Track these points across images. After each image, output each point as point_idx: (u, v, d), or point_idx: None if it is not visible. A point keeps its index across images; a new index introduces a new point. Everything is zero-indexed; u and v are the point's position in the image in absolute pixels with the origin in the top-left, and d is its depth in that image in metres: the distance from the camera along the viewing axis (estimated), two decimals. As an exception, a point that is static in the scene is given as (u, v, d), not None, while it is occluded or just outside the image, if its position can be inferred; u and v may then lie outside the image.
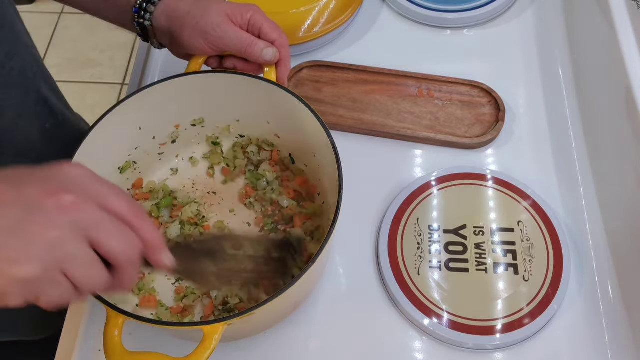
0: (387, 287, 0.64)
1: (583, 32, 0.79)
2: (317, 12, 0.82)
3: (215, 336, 0.49)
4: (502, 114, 0.75)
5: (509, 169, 0.72)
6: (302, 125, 0.63)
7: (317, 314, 0.64)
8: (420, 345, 0.62)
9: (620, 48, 0.65)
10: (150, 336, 0.61)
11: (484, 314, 0.61)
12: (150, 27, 0.62)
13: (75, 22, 2.13)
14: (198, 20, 0.59)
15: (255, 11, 0.61)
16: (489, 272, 0.64)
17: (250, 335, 0.62)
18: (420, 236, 0.67)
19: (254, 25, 0.61)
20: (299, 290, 0.53)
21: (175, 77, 0.63)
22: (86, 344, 0.63)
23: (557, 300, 0.62)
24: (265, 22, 0.61)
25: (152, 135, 0.68)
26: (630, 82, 0.62)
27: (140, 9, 0.61)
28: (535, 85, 0.80)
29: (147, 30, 0.63)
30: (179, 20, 0.60)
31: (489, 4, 0.85)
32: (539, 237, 0.66)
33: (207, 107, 0.68)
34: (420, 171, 0.73)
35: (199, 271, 0.54)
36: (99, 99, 1.92)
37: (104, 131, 0.60)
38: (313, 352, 0.62)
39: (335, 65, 0.81)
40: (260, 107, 0.67)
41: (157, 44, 0.65)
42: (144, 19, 0.62)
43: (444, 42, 0.85)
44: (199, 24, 0.59)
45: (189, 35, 0.60)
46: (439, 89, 0.78)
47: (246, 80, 0.63)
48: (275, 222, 0.67)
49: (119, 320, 0.49)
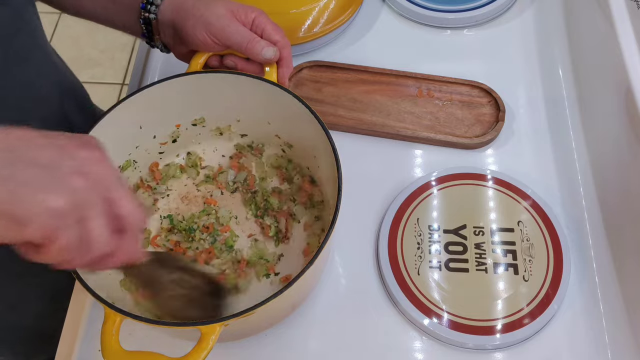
0: (387, 287, 0.64)
1: (583, 32, 0.79)
2: (317, 12, 0.82)
3: (212, 336, 0.49)
4: (502, 114, 0.75)
5: (508, 168, 0.72)
6: (302, 126, 0.63)
7: (316, 314, 0.64)
8: (420, 345, 0.62)
9: (620, 48, 0.65)
10: (149, 336, 0.61)
11: (484, 314, 0.61)
12: (155, 22, 0.63)
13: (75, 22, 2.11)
14: (202, 12, 0.60)
15: (260, 13, 0.62)
16: (489, 272, 0.64)
17: (249, 335, 0.62)
18: (420, 236, 0.66)
19: (257, 25, 0.62)
20: (297, 290, 0.53)
21: (175, 77, 0.63)
22: (86, 344, 0.63)
23: (557, 300, 0.62)
24: (269, 24, 0.62)
25: (153, 134, 0.68)
26: (630, 82, 0.62)
27: (147, 2, 0.62)
28: (535, 85, 0.80)
29: (151, 26, 0.63)
30: (184, 12, 0.61)
31: (489, 4, 0.84)
32: (539, 237, 0.66)
33: (208, 106, 0.68)
34: (420, 171, 0.73)
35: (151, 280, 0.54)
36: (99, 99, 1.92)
37: (104, 130, 0.60)
38: (313, 352, 0.62)
39: (335, 65, 0.81)
40: (261, 108, 0.67)
41: (160, 43, 0.65)
42: (149, 12, 0.62)
43: (444, 42, 0.85)
44: (203, 15, 0.60)
45: (192, 25, 0.60)
46: (439, 89, 0.78)
47: (246, 81, 0.63)
48: (276, 222, 0.68)
49: (116, 319, 0.49)
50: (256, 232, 0.68)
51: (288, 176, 0.70)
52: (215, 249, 0.66)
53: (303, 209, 0.68)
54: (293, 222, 0.67)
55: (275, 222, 0.67)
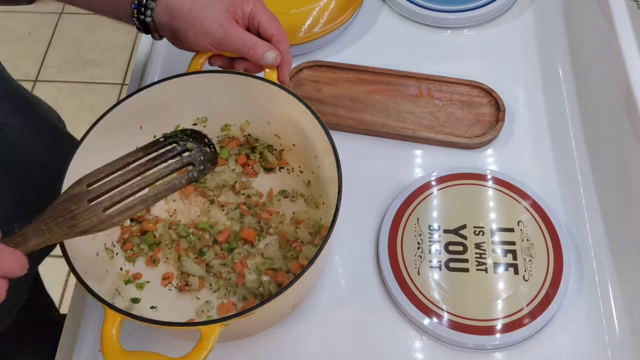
0: (387, 287, 0.64)
1: (583, 32, 0.79)
2: (317, 12, 0.82)
3: (212, 337, 0.48)
4: (502, 114, 0.75)
5: (508, 168, 0.72)
6: (302, 126, 0.63)
7: (316, 314, 0.64)
8: (420, 345, 0.62)
9: (620, 48, 0.65)
10: (150, 336, 0.61)
11: (484, 314, 0.61)
12: (152, 23, 0.62)
13: (75, 22, 2.13)
14: (201, 20, 0.60)
15: (256, 3, 0.62)
16: (489, 272, 0.64)
17: (249, 335, 0.62)
18: (420, 236, 0.66)
19: (254, 17, 0.61)
20: (297, 290, 0.53)
21: (175, 77, 0.63)
22: (86, 344, 0.63)
23: (557, 300, 0.62)
24: (265, 15, 0.62)
25: (153, 134, 0.68)
26: (630, 83, 0.62)
27: (140, 5, 0.61)
28: (535, 85, 0.80)
29: (147, 25, 0.63)
30: (182, 19, 0.60)
31: (489, 4, 0.84)
32: (539, 237, 0.66)
33: (208, 106, 0.68)
34: (420, 171, 0.73)
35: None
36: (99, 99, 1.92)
37: (105, 130, 0.60)
38: (313, 352, 0.62)
39: (335, 65, 0.81)
40: (261, 107, 0.67)
41: (157, 36, 0.65)
42: (145, 15, 0.61)
43: (444, 42, 0.85)
44: (202, 25, 0.60)
45: (193, 35, 0.60)
46: (439, 89, 0.78)
47: (246, 80, 0.63)
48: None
49: (116, 319, 0.49)
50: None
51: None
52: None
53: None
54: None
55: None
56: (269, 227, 0.67)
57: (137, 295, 0.64)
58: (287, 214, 0.68)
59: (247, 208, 0.68)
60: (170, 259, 0.66)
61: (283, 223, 0.67)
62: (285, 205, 0.69)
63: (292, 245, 0.65)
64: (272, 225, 0.67)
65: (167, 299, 0.64)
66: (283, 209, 0.68)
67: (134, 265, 0.66)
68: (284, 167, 0.71)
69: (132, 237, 0.67)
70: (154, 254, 0.66)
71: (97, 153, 0.60)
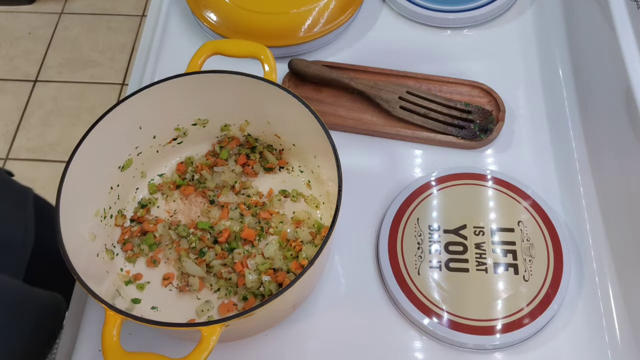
0: (387, 287, 0.64)
1: (583, 32, 0.79)
2: (317, 12, 0.82)
3: (213, 337, 0.48)
4: (502, 114, 0.75)
5: (509, 169, 0.72)
6: (302, 126, 0.63)
7: (317, 314, 0.64)
8: (420, 345, 0.62)
9: (620, 48, 0.65)
10: (150, 337, 0.61)
11: (484, 314, 0.61)
12: None
13: (75, 22, 2.13)
14: None
15: None
16: (489, 272, 0.64)
17: (250, 335, 0.62)
18: (420, 236, 0.67)
19: None
20: (297, 290, 0.53)
21: (175, 77, 0.63)
22: (86, 344, 0.63)
23: (557, 300, 0.62)
24: None
25: (153, 134, 0.68)
26: (630, 83, 0.62)
27: None
28: (535, 85, 0.80)
29: None
30: None
31: (489, 4, 0.84)
32: (539, 237, 0.66)
33: (208, 106, 0.68)
34: (420, 171, 0.73)
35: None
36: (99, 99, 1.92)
37: (105, 130, 0.60)
38: (313, 352, 0.62)
39: (335, 65, 0.81)
40: (260, 107, 0.67)
41: None
42: None
43: (444, 42, 0.85)
44: None
45: None
46: (439, 89, 0.78)
47: (246, 80, 0.63)
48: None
49: (116, 320, 0.49)
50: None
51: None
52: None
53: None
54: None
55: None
56: (269, 227, 0.67)
57: (137, 296, 0.64)
58: (287, 214, 0.68)
59: (247, 208, 0.68)
60: (170, 259, 0.66)
61: (283, 223, 0.67)
62: (286, 205, 0.69)
63: (292, 245, 0.65)
64: (272, 225, 0.67)
65: (167, 300, 0.64)
66: (283, 209, 0.69)
67: (134, 266, 0.66)
68: (284, 167, 0.71)
69: (132, 237, 0.67)
70: (155, 255, 0.66)
71: (97, 153, 0.60)
